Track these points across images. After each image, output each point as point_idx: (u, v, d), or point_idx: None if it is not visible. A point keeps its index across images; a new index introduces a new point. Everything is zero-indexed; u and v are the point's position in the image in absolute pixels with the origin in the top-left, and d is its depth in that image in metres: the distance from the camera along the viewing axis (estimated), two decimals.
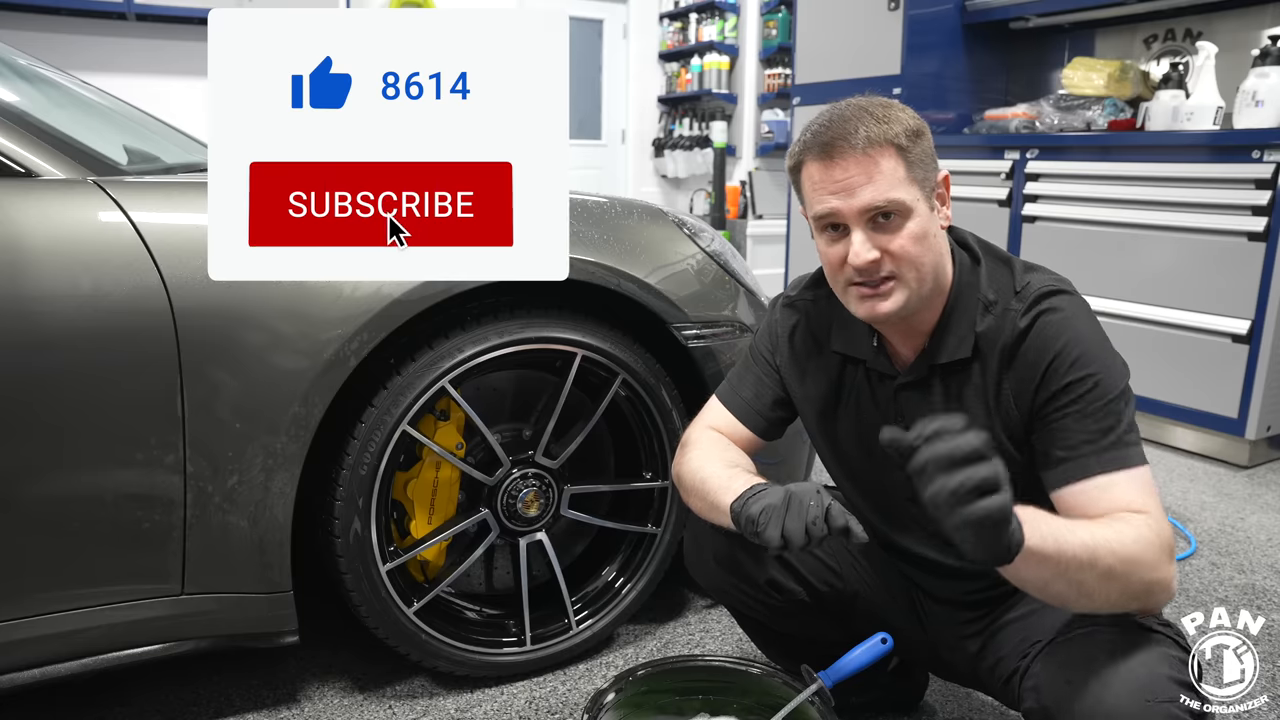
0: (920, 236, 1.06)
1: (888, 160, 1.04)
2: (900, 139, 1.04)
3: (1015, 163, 3.34)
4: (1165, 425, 2.99)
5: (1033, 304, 1.07)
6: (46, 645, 1.23)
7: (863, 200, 1.03)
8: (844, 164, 1.04)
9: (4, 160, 1.19)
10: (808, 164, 1.08)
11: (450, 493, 1.53)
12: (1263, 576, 2.04)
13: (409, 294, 1.32)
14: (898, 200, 1.04)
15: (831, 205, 1.05)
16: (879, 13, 3.93)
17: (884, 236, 1.05)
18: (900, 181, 1.04)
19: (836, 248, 1.08)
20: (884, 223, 1.05)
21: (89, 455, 1.21)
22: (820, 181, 1.06)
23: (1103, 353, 1.05)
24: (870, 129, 1.03)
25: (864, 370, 1.21)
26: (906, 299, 1.07)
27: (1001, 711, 1.49)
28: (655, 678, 1.26)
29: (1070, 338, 1.04)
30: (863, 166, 1.03)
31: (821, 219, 1.08)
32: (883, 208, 1.04)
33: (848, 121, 1.05)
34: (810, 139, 1.08)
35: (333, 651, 1.65)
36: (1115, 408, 1.02)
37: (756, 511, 1.03)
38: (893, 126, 1.04)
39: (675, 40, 6.88)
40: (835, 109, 1.08)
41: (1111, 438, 1.01)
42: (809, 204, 1.10)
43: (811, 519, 1.01)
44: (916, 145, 1.06)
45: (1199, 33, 3.36)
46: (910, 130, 1.06)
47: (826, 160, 1.05)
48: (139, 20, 5.02)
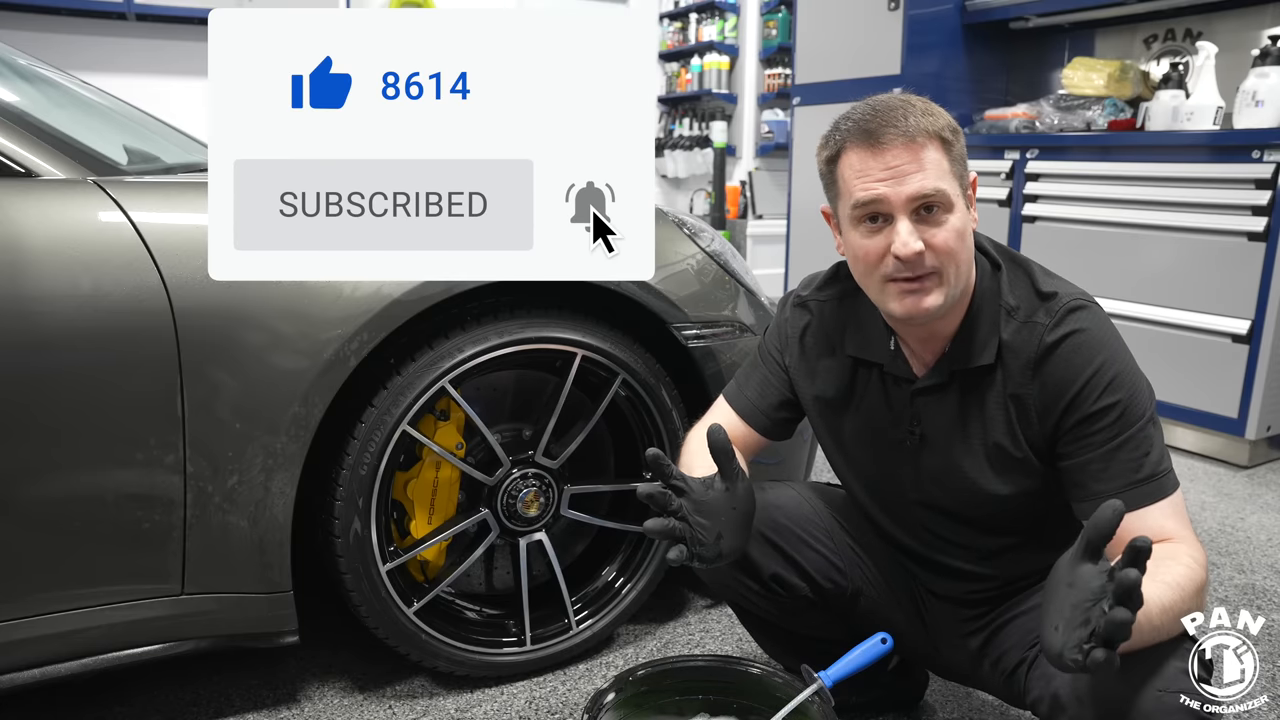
0: (961, 233, 1.04)
1: (934, 150, 1.02)
2: (945, 132, 1.03)
3: (1015, 163, 3.34)
4: (1165, 425, 2.96)
5: (1062, 318, 1.06)
6: (46, 645, 1.23)
7: (912, 187, 1.01)
8: (894, 150, 1.01)
9: (4, 160, 1.19)
10: (849, 151, 1.05)
11: (450, 493, 1.54)
12: (1263, 576, 2.04)
13: (409, 294, 1.32)
14: (944, 191, 1.02)
15: (878, 192, 1.02)
16: (879, 13, 3.92)
17: (928, 229, 1.03)
18: (945, 174, 1.03)
19: (876, 240, 1.05)
20: (927, 215, 1.03)
21: (89, 455, 1.21)
22: (864, 169, 1.03)
23: (1132, 376, 1.05)
24: (919, 119, 1.02)
25: (879, 373, 1.20)
26: (946, 296, 1.05)
27: (1002, 711, 1.49)
28: (655, 678, 1.26)
29: (1102, 361, 1.03)
30: (913, 154, 1.01)
31: (863, 207, 1.04)
32: (931, 197, 1.01)
33: (894, 110, 1.03)
34: (852, 127, 1.05)
35: (333, 651, 1.65)
36: (1147, 433, 1.02)
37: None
38: (939, 119, 1.04)
39: (675, 40, 6.88)
40: (876, 101, 1.06)
41: (1146, 470, 1.01)
42: (848, 193, 1.06)
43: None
44: (958, 142, 1.05)
45: (1199, 33, 3.36)
46: (953, 126, 1.05)
47: (873, 146, 1.02)
48: (139, 20, 5.02)
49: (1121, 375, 1.03)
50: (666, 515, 1.06)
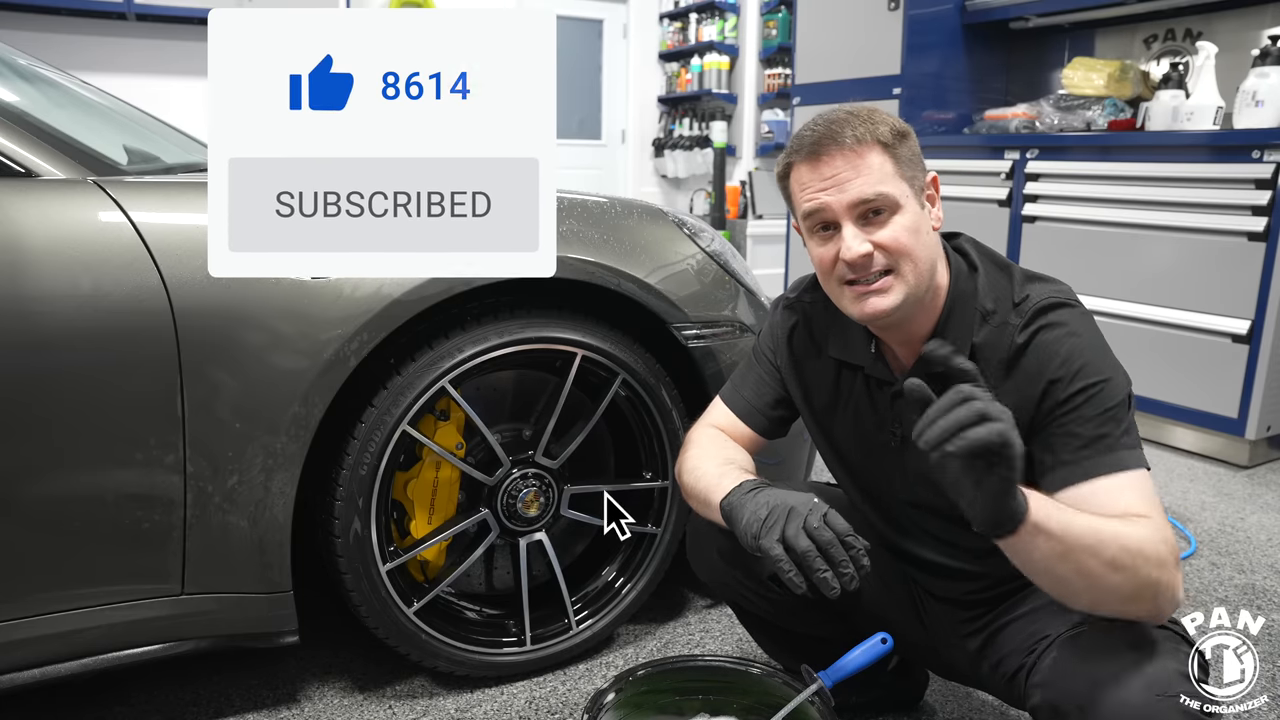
0: (913, 230, 1.06)
1: (874, 156, 1.05)
2: (885, 137, 1.06)
3: (1015, 163, 3.34)
4: (1165, 425, 2.99)
5: (1031, 319, 1.07)
6: (46, 645, 1.23)
7: (851, 194, 1.04)
8: (831, 161, 1.05)
9: (4, 160, 1.19)
10: (796, 167, 1.10)
11: (450, 493, 1.54)
12: (1263, 576, 2.04)
13: (409, 294, 1.32)
14: (886, 194, 1.04)
15: (821, 201, 1.06)
16: (879, 13, 3.93)
17: (874, 230, 1.06)
18: (889, 176, 1.05)
19: (828, 248, 1.09)
20: (874, 218, 1.06)
21: (89, 455, 1.21)
22: (808, 181, 1.08)
23: (1104, 364, 1.04)
24: (856, 129, 1.05)
25: (861, 376, 1.21)
26: (905, 296, 1.06)
27: (1002, 711, 1.49)
28: (655, 678, 1.26)
29: (1070, 351, 1.03)
30: (850, 162, 1.05)
31: (812, 217, 1.09)
32: (872, 201, 1.04)
33: (833, 124, 1.07)
34: (797, 144, 1.10)
35: (333, 651, 1.65)
36: (1115, 414, 1.02)
37: (762, 515, 1.05)
38: (878, 126, 1.06)
39: (675, 40, 6.88)
40: (820, 116, 1.10)
41: (1109, 441, 1.00)
42: (798, 206, 1.11)
43: (812, 525, 1.01)
44: (902, 144, 1.07)
45: (1199, 33, 3.36)
46: (895, 130, 1.07)
47: (814, 160, 1.07)
48: (139, 20, 5.02)
49: (1091, 364, 1.03)
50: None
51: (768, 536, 1.03)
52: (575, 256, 1.46)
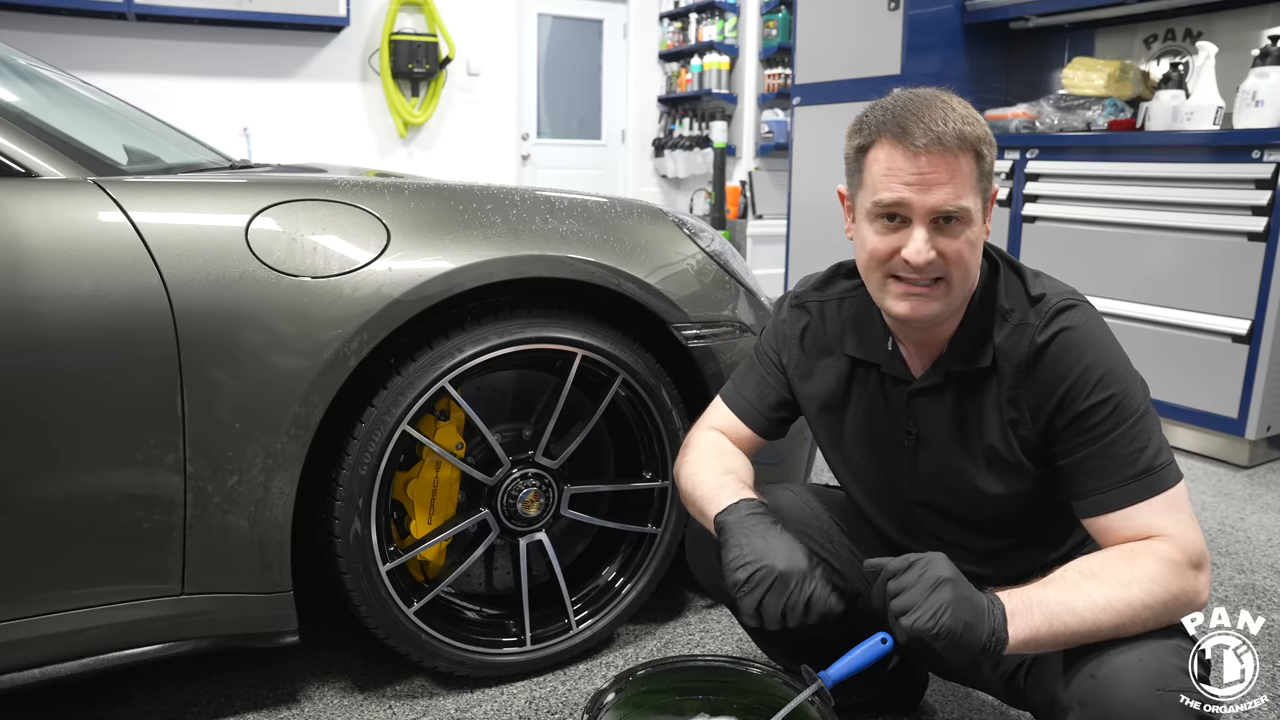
0: (974, 245, 1.04)
1: (968, 163, 1.01)
2: (981, 146, 1.02)
3: (1015, 163, 3.34)
4: (1165, 425, 2.96)
5: (1051, 319, 1.06)
6: (46, 645, 1.23)
7: (937, 199, 0.99)
8: (926, 155, 0.99)
9: (4, 160, 1.19)
10: (881, 145, 1.02)
11: (450, 493, 1.53)
12: (1263, 576, 2.04)
13: (409, 294, 1.32)
14: (966, 207, 1.01)
15: (903, 196, 1.00)
16: (879, 13, 3.92)
17: (943, 239, 1.02)
18: (971, 188, 1.01)
19: (889, 238, 1.04)
20: (945, 225, 1.02)
21: (89, 455, 1.21)
22: (893, 168, 1.01)
23: (1123, 372, 1.04)
24: (961, 127, 0.99)
25: (877, 374, 1.20)
26: (948, 304, 1.06)
27: (1002, 711, 1.49)
28: (655, 678, 1.26)
29: (1091, 359, 1.03)
30: (947, 163, 0.99)
31: (883, 206, 1.02)
32: (953, 213, 1.01)
33: (934, 110, 1.00)
34: (889, 119, 1.01)
35: (333, 651, 1.65)
36: (1141, 428, 1.02)
37: (741, 577, 1.07)
38: (978, 129, 1.01)
39: (675, 40, 6.88)
40: (917, 95, 1.03)
41: (1142, 464, 1.01)
42: (871, 187, 1.04)
43: (791, 604, 1.06)
44: (990, 155, 1.04)
45: (1199, 33, 3.36)
46: (989, 140, 1.03)
47: (906, 146, 0.99)
48: (139, 20, 5.02)
49: (1112, 371, 1.03)
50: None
51: (746, 598, 1.07)
52: (575, 256, 1.46)
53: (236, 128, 5.49)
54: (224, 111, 5.43)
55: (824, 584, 1.08)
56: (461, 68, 6.13)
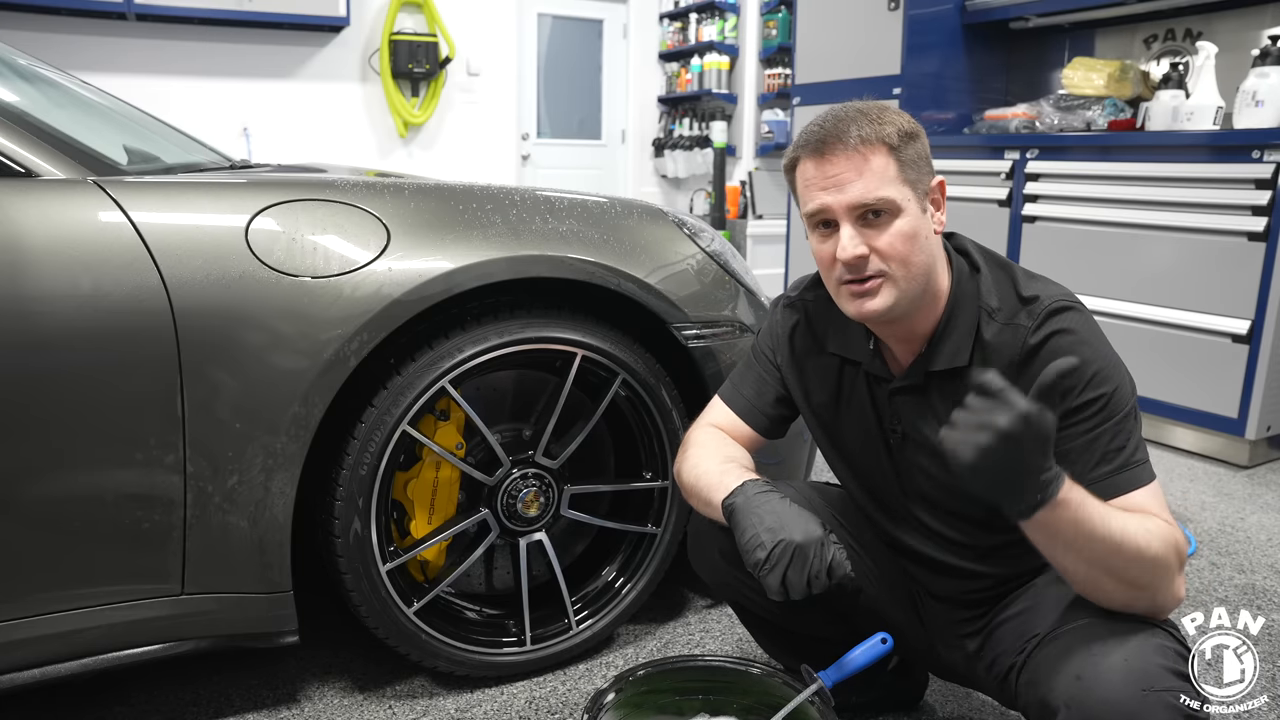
0: (910, 235, 1.06)
1: (878, 158, 1.05)
2: (892, 139, 1.06)
3: (1015, 163, 3.34)
4: (1165, 425, 2.99)
5: (1044, 320, 1.07)
6: (46, 645, 1.23)
7: (851, 196, 1.05)
8: (835, 160, 1.06)
9: (4, 160, 1.19)
10: (802, 162, 1.10)
11: (450, 493, 1.53)
12: (1263, 576, 2.04)
13: (409, 294, 1.32)
14: (886, 198, 1.05)
15: (822, 201, 1.07)
16: (879, 13, 3.93)
17: (872, 233, 1.06)
18: (890, 180, 1.05)
19: (828, 245, 1.09)
20: (873, 220, 1.06)
21: (89, 455, 1.21)
22: (812, 178, 1.08)
23: (1115, 372, 1.06)
24: (863, 128, 1.05)
25: (862, 373, 1.22)
26: (895, 298, 1.08)
27: (1001, 712, 1.49)
28: (655, 678, 1.26)
29: (1085, 358, 1.04)
30: (853, 163, 1.05)
31: (813, 215, 1.10)
32: (871, 205, 1.05)
33: (841, 121, 1.07)
34: (805, 139, 1.10)
35: (333, 651, 1.65)
36: (1126, 426, 1.04)
37: (761, 556, 1.07)
38: (885, 127, 1.06)
39: (675, 40, 6.88)
40: (831, 111, 1.10)
41: (1122, 458, 1.02)
42: (802, 201, 1.12)
43: (814, 572, 1.05)
44: (909, 146, 1.07)
45: (1199, 33, 3.36)
46: (903, 131, 1.07)
47: (819, 158, 1.07)
48: (139, 20, 5.03)
49: (1104, 371, 1.05)
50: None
51: (769, 575, 1.06)
52: (575, 256, 1.46)
53: (236, 128, 5.50)
54: (224, 111, 5.44)
55: (840, 548, 1.10)
56: (461, 68, 6.14)
